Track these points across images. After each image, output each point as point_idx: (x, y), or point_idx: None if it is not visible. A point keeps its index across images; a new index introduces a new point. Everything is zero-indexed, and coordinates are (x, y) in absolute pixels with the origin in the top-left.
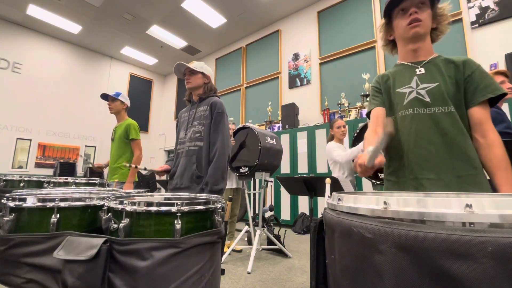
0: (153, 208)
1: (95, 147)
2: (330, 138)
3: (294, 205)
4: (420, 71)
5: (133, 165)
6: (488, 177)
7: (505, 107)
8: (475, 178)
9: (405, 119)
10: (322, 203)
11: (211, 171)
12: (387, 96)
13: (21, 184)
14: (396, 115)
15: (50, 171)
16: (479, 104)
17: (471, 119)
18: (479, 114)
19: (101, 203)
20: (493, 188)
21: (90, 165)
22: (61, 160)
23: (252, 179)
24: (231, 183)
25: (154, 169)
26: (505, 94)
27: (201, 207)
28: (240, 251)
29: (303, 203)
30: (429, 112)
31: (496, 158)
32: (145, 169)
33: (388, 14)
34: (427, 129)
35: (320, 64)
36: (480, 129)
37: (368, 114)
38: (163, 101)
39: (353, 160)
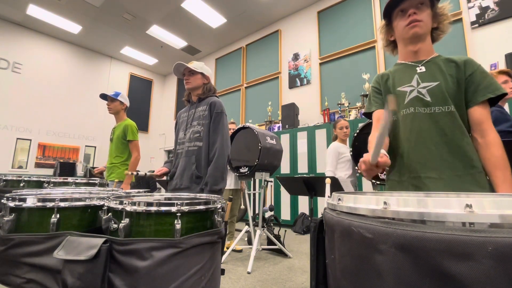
0: (153, 208)
1: (95, 147)
2: (334, 138)
3: (294, 205)
4: (420, 69)
5: (134, 172)
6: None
7: (505, 107)
8: (474, 177)
9: (406, 118)
10: (322, 203)
11: (210, 171)
12: (387, 96)
13: (21, 184)
14: (397, 114)
15: (50, 171)
16: (479, 104)
17: (471, 118)
18: (479, 114)
19: (101, 203)
20: (492, 187)
21: (90, 169)
22: (61, 160)
23: (252, 179)
24: (229, 184)
25: (153, 174)
26: (506, 94)
27: (201, 207)
28: (240, 251)
29: (303, 203)
30: (429, 111)
31: (494, 158)
32: (145, 175)
33: (388, 15)
34: (427, 128)
35: (320, 64)
36: (479, 129)
37: (366, 115)
38: (163, 101)
39: (357, 163)
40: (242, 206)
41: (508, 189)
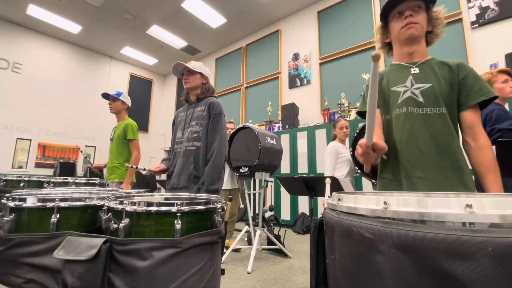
0: (153, 208)
1: (95, 147)
2: (333, 137)
3: (294, 205)
4: (414, 70)
5: (133, 166)
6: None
7: (506, 106)
8: (460, 179)
9: (399, 118)
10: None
11: (207, 170)
12: (382, 95)
13: (21, 184)
14: (391, 113)
15: (50, 171)
16: (471, 108)
17: (463, 122)
18: (471, 117)
19: (101, 203)
20: (479, 189)
21: (89, 165)
22: (61, 160)
23: (252, 179)
24: (225, 184)
25: (151, 170)
26: (497, 97)
27: (201, 207)
28: (238, 250)
29: (303, 203)
30: (421, 112)
31: (486, 161)
32: (144, 169)
33: (385, 17)
34: (419, 129)
35: (320, 64)
36: (471, 132)
37: (360, 113)
38: (163, 101)
39: (357, 165)
40: (242, 206)
41: (499, 191)
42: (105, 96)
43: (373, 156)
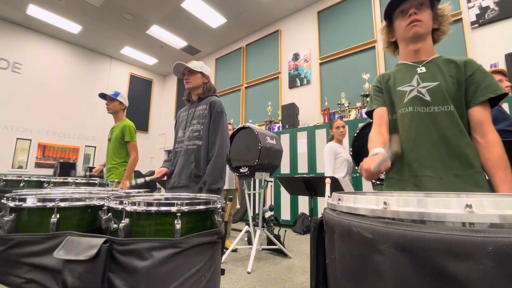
0: (153, 208)
1: (95, 147)
2: (331, 138)
3: (294, 205)
4: (421, 70)
5: (133, 182)
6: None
7: (504, 106)
8: (472, 177)
9: (405, 117)
10: (322, 203)
11: (209, 170)
12: (388, 95)
13: (21, 184)
14: (396, 113)
15: (50, 171)
16: (479, 104)
17: (471, 119)
18: (479, 114)
19: (101, 203)
20: (491, 187)
21: (90, 169)
22: (61, 160)
23: (252, 179)
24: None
25: (153, 178)
26: (506, 94)
27: (201, 207)
28: (235, 250)
29: (303, 203)
30: (428, 111)
31: (495, 158)
32: (145, 181)
33: (389, 16)
34: (426, 128)
35: (320, 64)
36: (480, 129)
37: (368, 114)
38: (163, 101)
39: (357, 164)
40: (238, 206)
41: (509, 189)
42: (102, 96)
43: (376, 176)
